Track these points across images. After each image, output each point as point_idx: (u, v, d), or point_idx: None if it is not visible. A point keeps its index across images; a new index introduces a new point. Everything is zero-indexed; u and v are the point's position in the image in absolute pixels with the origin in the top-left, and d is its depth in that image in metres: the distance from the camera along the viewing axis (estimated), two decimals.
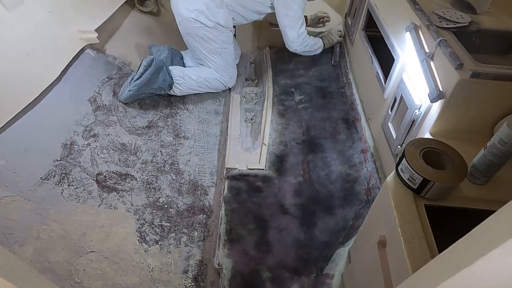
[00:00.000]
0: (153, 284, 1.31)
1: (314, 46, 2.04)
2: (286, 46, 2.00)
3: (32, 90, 1.60)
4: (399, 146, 1.30)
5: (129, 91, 1.85)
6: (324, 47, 2.11)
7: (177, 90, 1.97)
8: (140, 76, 1.86)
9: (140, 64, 1.89)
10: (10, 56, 1.57)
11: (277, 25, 1.95)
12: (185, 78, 1.97)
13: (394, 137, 1.35)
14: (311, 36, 2.04)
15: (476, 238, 0.44)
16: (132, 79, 1.87)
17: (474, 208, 0.85)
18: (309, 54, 2.08)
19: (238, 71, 2.22)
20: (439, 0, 1.35)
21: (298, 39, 1.95)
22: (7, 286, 0.57)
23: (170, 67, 1.97)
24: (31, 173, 1.43)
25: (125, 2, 2.25)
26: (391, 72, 1.44)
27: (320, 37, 2.13)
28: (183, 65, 2.12)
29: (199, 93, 2.07)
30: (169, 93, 1.97)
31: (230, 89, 2.14)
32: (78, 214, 1.41)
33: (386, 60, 1.53)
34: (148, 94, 1.92)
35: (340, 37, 2.17)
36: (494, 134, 0.85)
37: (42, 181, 1.43)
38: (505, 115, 1.04)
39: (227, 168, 1.65)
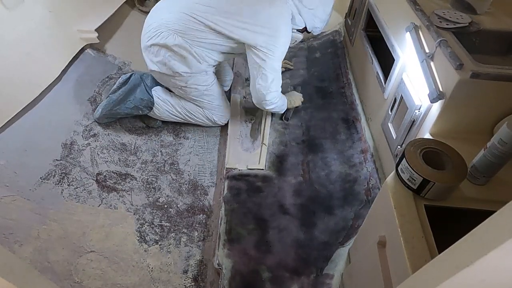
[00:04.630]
0: (153, 284, 1.31)
1: (280, 107, 1.78)
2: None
3: (32, 89, 1.60)
4: (399, 146, 1.30)
5: (102, 109, 1.71)
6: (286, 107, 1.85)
7: (156, 111, 1.78)
8: (113, 92, 1.73)
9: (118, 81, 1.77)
10: (10, 55, 1.57)
11: None
12: (166, 102, 1.78)
13: (394, 137, 1.35)
14: (283, 95, 1.80)
15: (476, 238, 0.44)
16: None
17: (474, 209, 0.85)
18: (272, 111, 1.82)
19: (238, 71, 2.21)
20: (439, 1, 1.35)
21: (265, 97, 1.68)
22: (7, 286, 0.57)
23: (153, 89, 1.79)
24: (31, 173, 1.43)
25: (125, 2, 2.25)
26: (391, 72, 1.44)
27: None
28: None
29: None
30: (148, 114, 1.79)
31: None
32: (78, 214, 1.41)
33: (386, 60, 1.53)
34: (124, 114, 1.76)
35: (301, 102, 1.90)
36: (494, 134, 0.85)
37: (42, 181, 1.43)
38: (505, 116, 1.04)
39: (227, 168, 1.65)
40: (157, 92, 1.79)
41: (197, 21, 1.56)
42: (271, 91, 1.68)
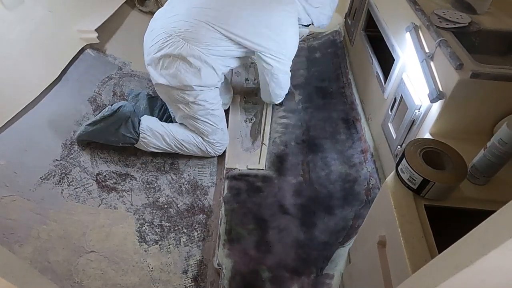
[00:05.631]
0: (153, 284, 1.31)
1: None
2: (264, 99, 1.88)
3: (32, 90, 1.60)
4: (399, 146, 1.30)
5: (81, 132, 1.62)
6: None
7: (141, 146, 1.66)
8: (94, 123, 1.60)
9: (106, 108, 1.65)
10: (10, 55, 1.57)
11: None
12: (155, 134, 1.63)
13: (394, 137, 1.35)
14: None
15: (476, 238, 0.44)
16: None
17: (474, 209, 0.85)
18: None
19: (238, 71, 2.21)
20: (439, 0, 1.35)
21: (279, 98, 1.84)
22: (7, 286, 0.57)
23: (143, 118, 1.68)
24: (31, 173, 1.43)
25: (125, 2, 2.25)
26: (391, 72, 1.44)
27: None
28: (164, 115, 1.82)
29: None
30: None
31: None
32: (78, 214, 1.41)
33: (386, 60, 1.53)
34: (106, 143, 1.65)
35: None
36: (494, 134, 0.85)
37: (42, 181, 1.43)
38: (505, 115, 1.04)
39: (227, 168, 1.65)
40: (146, 123, 1.65)
41: (210, 28, 1.47)
42: (284, 91, 1.79)
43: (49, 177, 1.46)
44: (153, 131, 1.64)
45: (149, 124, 1.65)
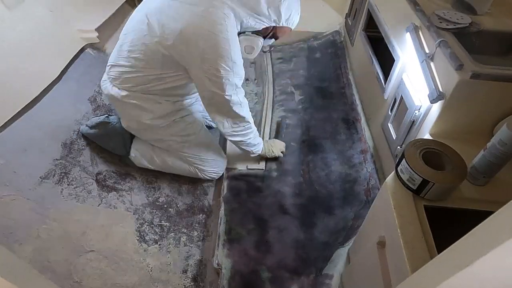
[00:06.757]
0: (152, 284, 1.31)
1: (251, 146, 1.53)
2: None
3: (32, 89, 1.60)
4: (398, 147, 1.31)
5: (85, 133, 1.62)
6: (260, 154, 1.61)
7: (133, 159, 1.61)
8: (92, 127, 1.60)
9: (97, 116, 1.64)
10: (10, 55, 1.57)
11: None
12: (145, 155, 1.57)
13: (394, 138, 1.36)
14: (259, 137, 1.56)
15: (476, 239, 0.44)
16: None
17: (473, 209, 0.85)
18: (242, 147, 1.55)
19: None
20: (439, 1, 1.35)
21: (229, 128, 1.43)
22: (7, 286, 0.57)
23: (135, 140, 1.60)
24: (31, 172, 1.43)
25: (125, 2, 2.25)
26: (391, 72, 1.44)
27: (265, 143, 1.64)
28: None
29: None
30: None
31: None
32: (77, 213, 1.41)
33: (386, 60, 1.53)
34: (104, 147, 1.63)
35: (282, 153, 1.67)
36: (494, 135, 0.85)
37: (41, 180, 1.43)
38: (505, 116, 1.04)
39: (227, 168, 1.65)
40: (137, 142, 1.60)
41: (124, 56, 1.36)
42: (236, 116, 1.38)
43: (49, 177, 1.46)
44: (143, 152, 1.58)
45: (140, 144, 1.60)
